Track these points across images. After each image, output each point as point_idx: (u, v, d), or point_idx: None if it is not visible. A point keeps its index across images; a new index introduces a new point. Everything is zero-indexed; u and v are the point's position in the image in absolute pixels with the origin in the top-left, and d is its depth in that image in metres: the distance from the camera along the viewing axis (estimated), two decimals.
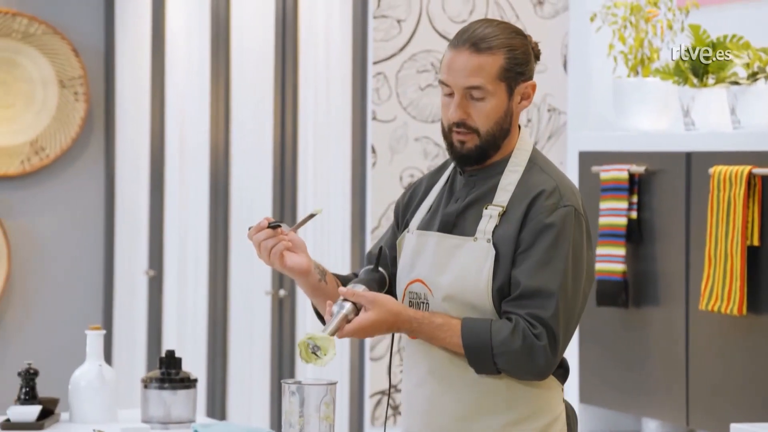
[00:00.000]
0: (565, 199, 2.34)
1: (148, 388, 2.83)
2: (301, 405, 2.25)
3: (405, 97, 4.02)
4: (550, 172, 2.37)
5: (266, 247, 2.39)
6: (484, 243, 2.33)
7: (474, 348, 2.30)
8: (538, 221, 2.31)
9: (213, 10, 4.72)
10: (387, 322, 2.31)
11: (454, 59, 2.34)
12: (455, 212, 2.38)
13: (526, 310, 2.29)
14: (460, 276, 2.34)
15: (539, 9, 4.10)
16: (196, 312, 4.84)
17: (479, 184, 2.39)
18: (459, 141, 2.36)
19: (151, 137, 5.12)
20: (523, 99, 2.37)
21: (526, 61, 2.36)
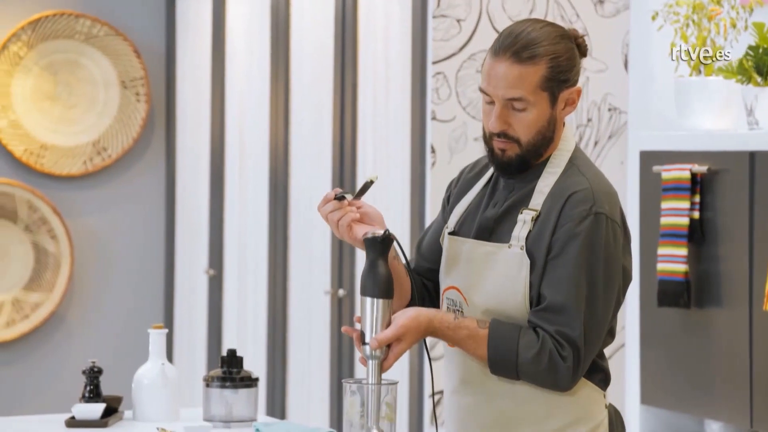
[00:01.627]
0: (597, 204, 2.25)
1: (210, 386, 2.85)
2: (362, 405, 2.24)
3: (464, 97, 4.01)
4: (586, 173, 2.29)
5: (333, 219, 2.33)
6: (517, 251, 2.26)
7: (498, 362, 2.24)
8: (568, 229, 2.23)
9: (273, 10, 4.74)
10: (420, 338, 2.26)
11: (495, 68, 2.25)
12: (493, 217, 2.31)
13: (554, 327, 2.22)
14: (497, 287, 2.27)
15: (600, 8, 4.08)
16: (255, 311, 4.86)
17: (518, 187, 2.31)
18: (500, 149, 2.29)
19: (211, 137, 5.15)
20: (567, 105, 2.29)
21: (571, 66, 2.27)
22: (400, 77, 4.12)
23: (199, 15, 5.28)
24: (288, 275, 4.70)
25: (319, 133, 4.53)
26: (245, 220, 4.96)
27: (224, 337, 5.06)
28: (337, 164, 4.42)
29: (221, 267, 5.09)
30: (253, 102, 4.90)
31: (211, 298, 5.13)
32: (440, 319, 2.27)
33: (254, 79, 4.88)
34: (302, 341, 4.62)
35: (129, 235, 5.51)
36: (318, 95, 4.53)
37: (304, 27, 4.63)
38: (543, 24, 2.27)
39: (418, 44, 4.02)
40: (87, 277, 5.47)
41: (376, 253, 2.26)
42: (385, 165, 4.23)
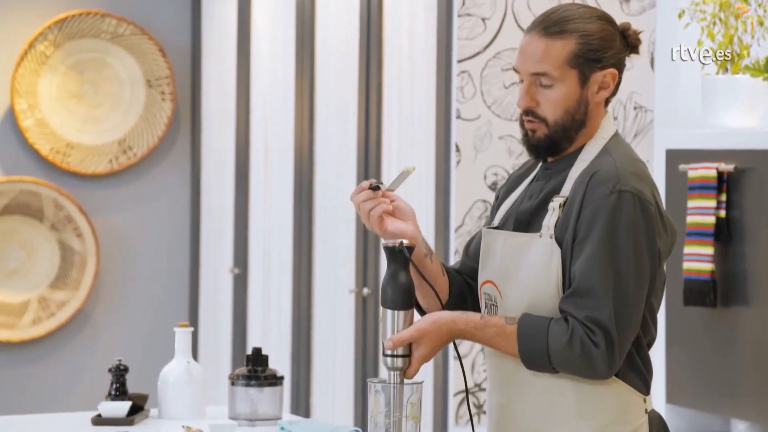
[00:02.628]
0: (623, 182, 2.17)
1: (235, 385, 2.85)
2: (387, 404, 2.24)
3: (489, 96, 4.01)
4: (614, 153, 2.22)
5: (365, 209, 2.30)
6: (547, 239, 2.20)
7: (531, 357, 2.20)
8: (592, 209, 2.16)
9: (298, 9, 4.75)
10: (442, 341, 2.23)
11: (524, 44, 2.22)
12: (529, 210, 2.27)
13: (583, 313, 2.16)
14: (530, 278, 2.22)
15: (626, 6, 4.06)
16: (280, 310, 4.87)
17: (553, 177, 2.26)
18: (530, 129, 2.24)
19: (236, 136, 5.16)
20: (601, 88, 2.22)
21: (605, 47, 2.20)
22: (424, 76, 4.11)
23: (224, 14, 5.29)
24: (312, 274, 4.71)
25: (343, 132, 4.53)
26: (270, 219, 4.96)
27: (249, 335, 5.07)
28: (361, 163, 4.42)
29: (246, 266, 5.10)
30: (278, 101, 4.90)
31: (235, 297, 5.14)
32: (465, 320, 2.23)
33: (279, 78, 4.89)
34: (327, 340, 4.62)
35: (154, 233, 5.53)
36: (343, 94, 4.53)
37: (329, 26, 4.63)
38: (582, 6, 2.24)
39: (443, 43, 4.01)
40: (112, 276, 5.49)
41: (397, 263, 2.25)
42: (410, 163, 4.23)
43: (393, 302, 2.25)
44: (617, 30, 2.25)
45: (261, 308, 5.00)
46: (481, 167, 4.01)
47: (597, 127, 2.25)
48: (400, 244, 2.25)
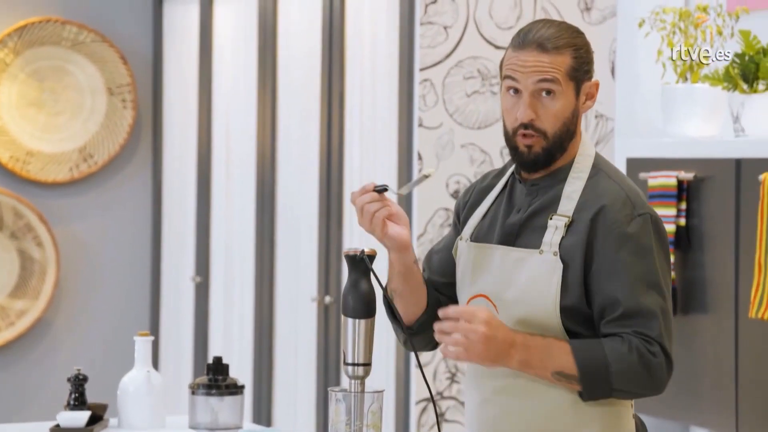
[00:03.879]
0: (638, 207, 2.25)
1: (195, 394, 2.84)
2: (348, 413, 2.24)
3: (451, 104, 4.01)
4: (617, 179, 2.28)
5: (369, 210, 2.28)
6: (550, 256, 2.23)
7: (589, 368, 2.19)
8: (619, 234, 2.21)
9: (260, 17, 4.74)
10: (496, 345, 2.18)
11: (522, 57, 2.24)
12: (518, 223, 2.28)
13: (635, 330, 2.20)
14: (527, 292, 2.24)
15: (587, 15, 4.08)
16: (242, 318, 4.85)
17: (542, 192, 2.29)
18: (525, 145, 2.26)
19: (198, 144, 5.14)
20: (587, 99, 2.28)
21: (590, 59, 2.29)
22: (387, 84, 4.12)
23: (186, 21, 5.27)
24: (274, 282, 4.69)
25: (306, 140, 4.52)
26: (232, 227, 4.95)
27: (210, 344, 5.05)
28: (324, 171, 4.42)
29: (207, 274, 5.08)
30: (240, 108, 4.89)
31: (197, 305, 5.12)
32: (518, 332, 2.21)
33: (241, 85, 4.88)
34: (289, 348, 4.61)
35: (115, 242, 5.50)
36: (305, 102, 4.53)
37: (291, 33, 4.62)
38: (559, 22, 2.30)
39: (405, 51, 4.02)
40: (73, 284, 5.45)
41: (358, 271, 2.25)
42: (372, 171, 4.23)
43: (354, 311, 2.25)
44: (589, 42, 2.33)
45: (222, 317, 4.98)
46: (443, 175, 4.02)
47: (579, 142, 2.31)
48: (362, 253, 2.25)
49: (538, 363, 2.21)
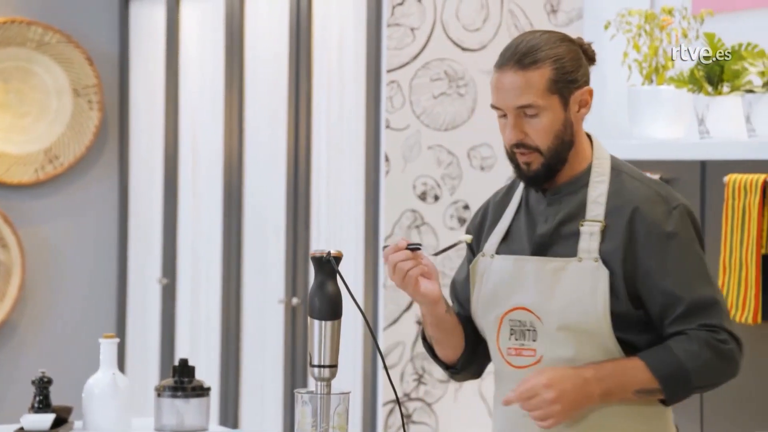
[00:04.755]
0: (671, 200, 2.24)
1: (161, 396, 2.83)
2: (314, 415, 2.23)
3: (418, 106, 4.02)
4: (640, 178, 2.27)
5: (402, 269, 2.25)
6: (591, 263, 2.21)
7: (668, 377, 2.18)
8: (660, 233, 2.21)
9: (227, 18, 4.73)
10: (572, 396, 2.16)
11: (500, 80, 2.25)
12: (548, 233, 2.26)
13: (698, 323, 2.20)
14: (573, 301, 2.22)
15: (553, 17, 4.10)
16: (209, 320, 4.84)
17: (566, 200, 2.27)
18: (524, 163, 2.25)
19: (164, 145, 5.12)
20: (581, 107, 2.26)
21: (576, 67, 2.25)
22: (354, 85, 4.12)
23: (152, 22, 5.25)
24: (241, 284, 4.68)
25: (273, 142, 4.51)
26: (199, 229, 4.93)
27: (177, 346, 5.03)
28: (291, 173, 4.41)
29: (174, 275, 5.06)
30: (207, 110, 4.88)
31: (164, 307, 5.10)
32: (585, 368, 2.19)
33: (208, 86, 4.86)
34: (256, 350, 4.60)
35: (81, 243, 5.47)
36: (272, 103, 4.52)
37: (259, 35, 4.61)
38: (542, 32, 2.28)
39: (372, 52, 4.02)
40: (38, 286, 5.42)
41: (324, 273, 2.25)
42: (339, 173, 4.23)
43: (320, 312, 2.24)
44: (578, 47, 2.30)
45: (189, 318, 4.97)
46: (410, 177, 4.02)
47: (585, 144, 2.29)
48: (328, 254, 2.25)
49: (618, 389, 2.20)
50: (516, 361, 2.28)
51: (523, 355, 2.27)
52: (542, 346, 2.26)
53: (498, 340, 2.31)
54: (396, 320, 3.99)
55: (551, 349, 2.25)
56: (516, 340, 2.28)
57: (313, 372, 2.24)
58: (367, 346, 4.00)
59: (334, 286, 2.25)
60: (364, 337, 4.01)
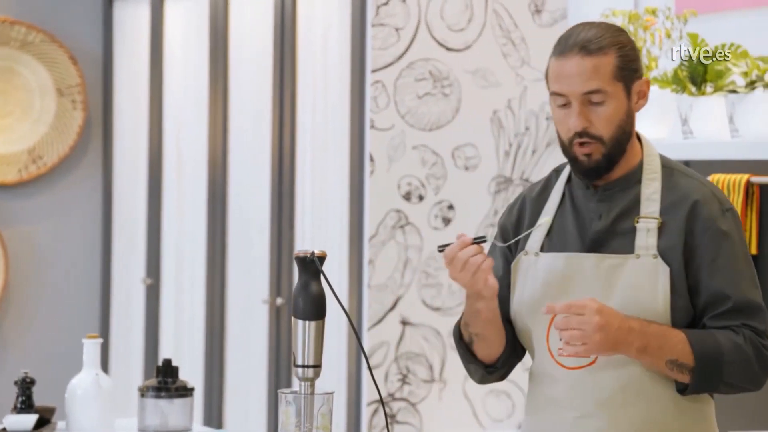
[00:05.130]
0: (724, 202, 2.24)
1: (144, 396, 2.82)
2: (298, 415, 2.23)
3: (403, 105, 4.02)
4: (694, 176, 2.26)
5: (475, 263, 2.18)
6: (649, 259, 2.19)
7: (704, 358, 2.16)
8: (716, 230, 2.20)
9: (211, 18, 4.72)
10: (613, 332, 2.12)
11: (565, 66, 2.20)
12: (604, 230, 2.22)
13: (745, 322, 2.19)
14: (633, 298, 2.19)
15: (537, 17, 4.10)
16: (193, 320, 4.83)
17: (618, 197, 2.24)
18: (584, 154, 2.20)
19: (149, 145, 5.11)
20: (639, 98, 2.23)
21: (637, 57, 2.23)
22: (338, 85, 4.11)
23: (136, 22, 5.24)
24: (226, 284, 4.68)
25: (257, 142, 4.51)
26: (183, 229, 4.92)
27: (161, 346, 5.02)
28: (275, 173, 4.41)
29: (158, 275, 5.05)
30: (191, 109, 4.87)
31: (148, 307, 5.09)
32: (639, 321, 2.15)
33: (192, 86, 4.85)
34: (240, 350, 4.60)
35: (65, 243, 5.45)
36: (257, 103, 4.51)
37: (243, 35, 4.61)
38: (599, 23, 2.25)
39: (357, 52, 4.02)
40: (22, 287, 5.40)
41: (308, 273, 2.24)
42: (323, 173, 4.22)
43: (304, 312, 2.24)
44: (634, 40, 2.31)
45: (173, 319, 4.96)
46: (395, 177, 4.02)
47: (638, 141, 2.27)
48: (312, 254, 2.24)
49: (655, 349, 2.16)
50: (568, 362, 2.23)
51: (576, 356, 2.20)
52: None
53: (548, 339, 2.26)
54: (380, 320, 3.99)
55: None
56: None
57: (297, 372, 2.24)
58: (352, 346, 3.99)
59: (318, 286, 2.25)
60: (348, 337, 4.00)
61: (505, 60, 4.07)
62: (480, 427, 4.06)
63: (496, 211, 4.09)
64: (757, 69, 3.30)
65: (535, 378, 2.30)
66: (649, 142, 2.28)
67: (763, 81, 3.31)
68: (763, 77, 3.31)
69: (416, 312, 4.01)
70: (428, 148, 4.04)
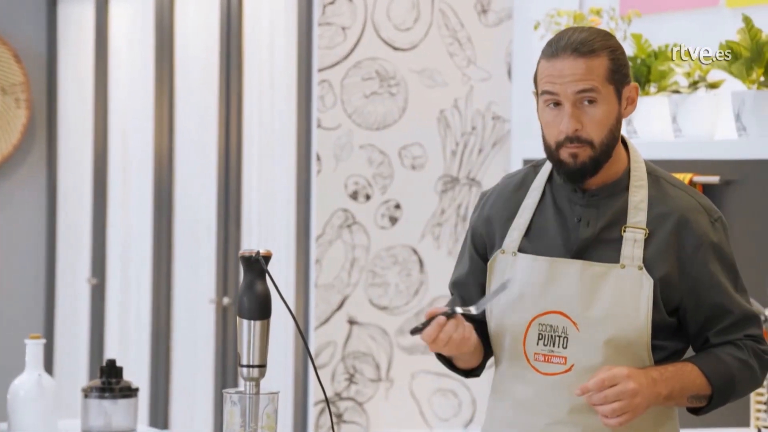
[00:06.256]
0: (711, 212, 2.21)
1: (88, 397, 2.80)
2: (243, 415, 2.22)
3: (350, 105, 4.02)
4: (680, 185, 2.24)
5: (458, 338, 2.16)
6: (634, 270, 2.16)
7: (721, 384, 2.17)
8: (709, 244, 2.17)
9: (157, 16, 4.69)
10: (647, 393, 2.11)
11: (557, 67, 2.15)
12: (591, 237, 2.18)
13: (744, 333, 2.20)
14: (615, 308, 2.16)
15: (483, 17, 4.12)
16: (139, 320, 4.80)
17: (605, 203, 2.20)
18: (571, 155, 2.15)
19: (94, 144, 5.08)
20: (629, 104, 2.20)
21: (627, 62, 2.20)
22: (285, 84, 4.11)
23: (81, 20, 5.20)
24: (172, 283, 4.65)
25: (204, 141, 4.49)
26: (128, 228, 4.89)
27: (107, 346, 4.99)
28: (222, 172, 4.39)
29: (104, 275, 5.01)
30: (137, 109, 4.84)
31: (93, 307, 5.06)
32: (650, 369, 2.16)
33: (138, 85, 4.82)
34: (186, 350, 4.57)
35: (9, 243, 5.40)
36: (203, 102, 4.49)
37: (189, 33, 4.58)
38: (589, 27, 2.23)
39: (304, 52, 4.01)
40: None
41: (253, 272, 2.23)
42: (270, 172, 4.21)
43: (249, 312, 2.23)
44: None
45: (119, 319, 4.93)
46: (342, 176, 4.02)
47: (625, 147, 2.24)
48: (257, 254, 2.23)
49: (678, 393, 2.17)
50: (544, 367, 2.20)
51: (552, 362, 2.20)
52: (574, 354, 2.18)
53: (525, 343, 2.22)
54: (327, 320, 3.98)
55: (584, 357, 2.18)
56: (544, 345, 2.20)
57: (242, 372, 2.23)
58: (298, 345, 3.99)
59: (263, 285, 2.24)
60: (295, 336, 4.00)
61: (452, 59, 4.09)
62: (427, 425, 4.07)
63: (443, 210, 4.10)
64: (700, 69, 3.33)
65: (504, 381, 2.27)
66: (636, 149, 2.25)
67: (706, 81, 3.35)
68: (706, 78, 3.35)
69: (363, 311, 4.01)
70: (375, 147, 4.05)
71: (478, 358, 2.29)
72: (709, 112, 3.34)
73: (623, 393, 2.11)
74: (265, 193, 4.23)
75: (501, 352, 2.27)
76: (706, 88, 3.34)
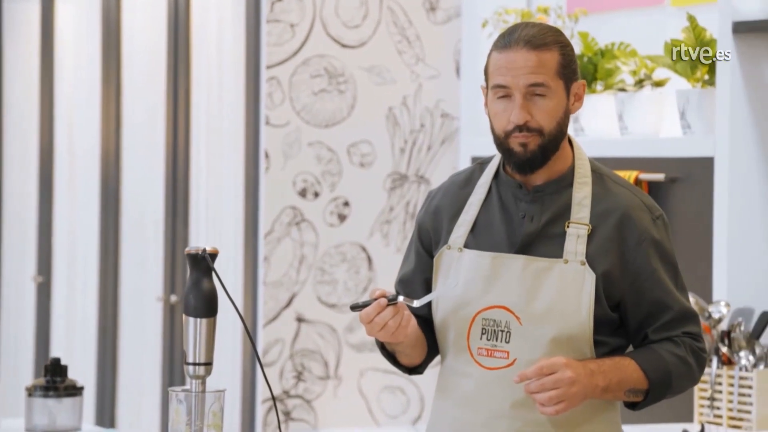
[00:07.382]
0: (653, 210, 2.23)
1: (32, 396, 2.77)
2: (189, 413, 2.21)
3: (298, 102, 4.01)
4: (623, 183, 2.26)
5: (394, 325, 2.16)
6: (577, 266, 2.18)
7: (657, 379, 2.19)
8: (650, 241, 2.20)
9: (104, 12, 4.66)
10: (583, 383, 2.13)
11: (509, 58, 2.17)
12: (535, 232, 2.20)
13: (683, 330, 2.21)
14: (557, 303, 2.18)
15: (432, 15, 4.12)
16: (85, 318, 4.76)
17: (549, 199, 2.22)
18: (520, 144, 2.17)
19: (39, 141, 5.03)
20: (576, 100, 2.23)
21: (575, 59, 2.23)
22: (233, 81, 4.09)
23: (26, 16, 5.15)
24: (119, 281, 4.62)
25: (151, 138, 4.46)
26: (75, 225, 4.85)
27: (52, 345, 4.95)
28: (169, 168, 4.37)
29: (50, 273, 4.97)
30: (83, 104, 4.80)
31: (38, 305, 5.01)
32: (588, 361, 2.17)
33: (85, 82, 4.79)
34: (133, 348, 4.55)
35: None
36: (150, 99, 4.47)
37: (136, 28, 4.55)
38: (539, 22, 2.26)
39: (252, 48, 4.00)
40: None
41: (199, 270, 2.22)
42: (218, 169, 4.20)
43: (195, 310, 2.22)
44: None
45: (65, 317, 4.89)
46: (290, 174, 4.01)
47: (570, 145, 2.26)
48: (203, 251, 2.22)
49: (615, 386, 2.18)
50: (486, 362, 2.22)
51: (494, 357, 2.21)
52: (516, 348, 2.19)
53: (468, 338, 2.24)
54: (275, 317, 3.97)
55: (526, 352, 2.19)
56: (488, 340, 2.21)
57: (188, 370, 2.22)
58: (246, 343, 3.98)
59: (210, 283, 2.23)
60: (242, 334, 3.98)
61: (400, 57, 4.09)
62: (375, 423, 4.07)
63: (391, 207, 4.11)
64: (645, 68, 3.35)
65: (448, 377, 2.28)
66: (580, 147, 2.28)
67: (651, 80, 3.37)
68: (651, 76, 3.37)
69: (312, 309, 4.01)
70: (324, 144, 4.04)
71: (420, 354, 2.29)
72: (655, 110, 3.37)
73: (560, 381, 2.13)
74: (213, 191, 4.21)
75: (446, 348, 2.28)
76: (652, 87, 3.37)
